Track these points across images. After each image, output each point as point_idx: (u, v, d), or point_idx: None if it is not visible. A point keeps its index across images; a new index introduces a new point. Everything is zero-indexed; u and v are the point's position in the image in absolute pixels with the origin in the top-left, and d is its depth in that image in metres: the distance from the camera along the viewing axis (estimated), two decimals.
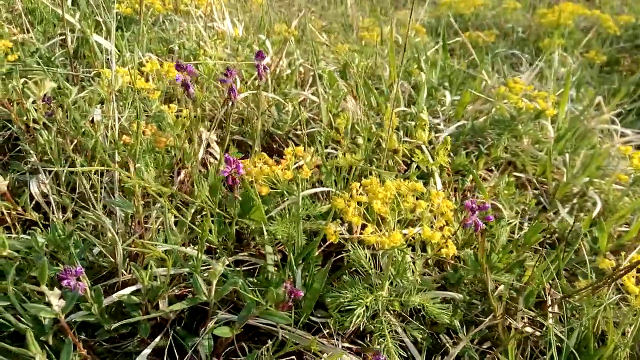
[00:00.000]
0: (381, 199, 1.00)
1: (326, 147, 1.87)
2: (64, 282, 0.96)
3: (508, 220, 1.52)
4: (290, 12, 4.02)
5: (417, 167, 1.74)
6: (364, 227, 1.04)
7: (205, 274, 1.23)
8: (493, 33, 4.21)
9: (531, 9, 5.16)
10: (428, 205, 1.00)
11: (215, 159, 1.77)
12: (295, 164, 1.33)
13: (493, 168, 1.98)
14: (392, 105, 1.43)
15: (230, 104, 1.38)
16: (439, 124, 2.05)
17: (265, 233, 1.26)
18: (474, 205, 0.95)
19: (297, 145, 1.88)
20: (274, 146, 1.96)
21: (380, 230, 1.03)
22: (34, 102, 1.72)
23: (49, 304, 0.93)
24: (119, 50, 2.14)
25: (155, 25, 2.55)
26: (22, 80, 1.68)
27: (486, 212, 0.95)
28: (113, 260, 1.17)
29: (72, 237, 1.12)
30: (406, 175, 1.64)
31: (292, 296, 1.00)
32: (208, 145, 1.85)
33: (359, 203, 1.04)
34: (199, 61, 2.16)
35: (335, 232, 1.04)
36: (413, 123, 2.00)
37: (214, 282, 1.00)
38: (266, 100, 1.96)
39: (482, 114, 2.10)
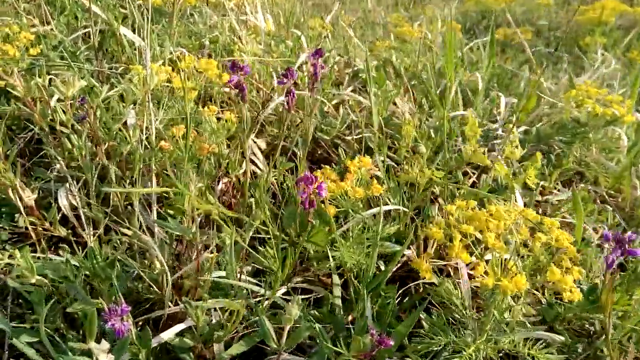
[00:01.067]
0: (493, 230, 0.82)
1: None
2: (109, 324, 0.80)
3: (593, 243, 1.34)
4: (307, 5, 3.84)
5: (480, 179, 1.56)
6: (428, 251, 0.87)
7: (266, 301, 1.07)
8: (529, 30, 4.01)
9: (566, 6, 4.94)
10: (548, 238, 0.83)
11: (257, 166, 1.60)
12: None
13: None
14: (447, 107, 1.26)
15: (287, 109, 1.21)
16: (497, 129, 1.87)
17: (331, 259, 1.09)
18: (619, 237, 0.77)
19: (345, 152, 1.72)
20: (319, 152, 1.79)
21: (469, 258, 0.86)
22: (59, 100, 1.56)
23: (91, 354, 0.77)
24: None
25: (182, 18, 2.38)
26: (47, 76, 1.52)
27: (632, 243, 0.77)
28: (159, 291, 1.00)
29: (114, 266, 0.95)
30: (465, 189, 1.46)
31: (380, 346, 0.83)
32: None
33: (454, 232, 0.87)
34: (234, 57, 1.99)
35: (429, 268, 0.87)
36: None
37: (287, 328, 0.83)
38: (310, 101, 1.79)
39: (544, 119, 1.91)
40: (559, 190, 1.68)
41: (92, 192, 1.36)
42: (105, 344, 0.73)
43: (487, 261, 0.88)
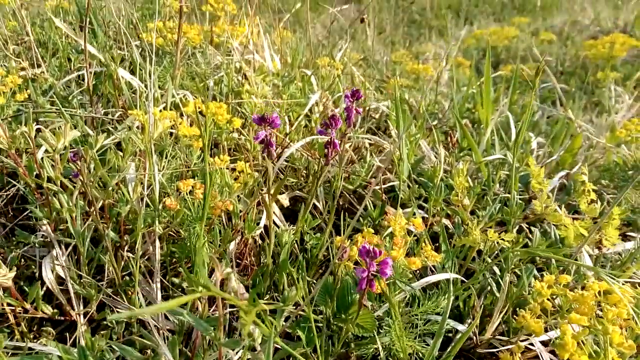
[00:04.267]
0: (611, 321, 0.62)
1: (404, 206, 1.51)
2: None
3: None
4: (313, 43, 3.75)
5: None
6: None
7: None
8: (537, 66, 3.92)
9: (569, 42, 4.89)
10: None
11: (275, 223, 1.40)
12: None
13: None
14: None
15: (325, 163, 1.02)
16: None
17: (381, 349, 0.88)
18: None
19: (373, 204, 1.52)
20: (340, 202, 1.59)
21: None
22: (46, 151, 1.38)
23: None
24: (146, 88, 1.80)
25: (184, 58, 2.23)
26: (35, 125, 1.34)
27: None
28: None
29: None
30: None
31: None
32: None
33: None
34: (242, 99, 1.82)
35: None
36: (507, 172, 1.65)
37: None
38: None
39: (585, 162, 1.74)
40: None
41: (83, 260, 1.15)
42: None
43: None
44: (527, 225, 1.35)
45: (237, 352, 0.83)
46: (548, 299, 0.78)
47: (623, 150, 1.63)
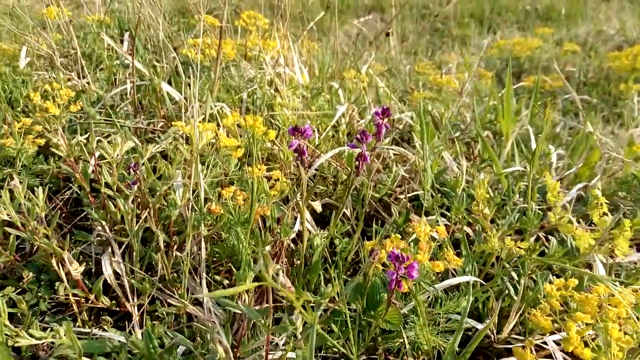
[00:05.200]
0: (613, 319, 0.71)
1: (427, 214, 1.60)
2: None
3: None
4: (339, 55, 3.85)
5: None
6: None
7: None
8: (559, 77, 3.96)
9: (592, 53, 4.91)
10: None
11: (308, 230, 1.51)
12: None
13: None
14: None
15: (356, 174, 1.13)
16: None
17: (406, 342, 0.97)
18: None
19: (397, 212, 1.62)
20: (366, 210, 1.69)
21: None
22: (101, 157, 1.51)
23: None
24: (185, 99, 1.93)
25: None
26: (85, 134, 1.48)
27: None
28: None
29: (173, 352, 0.85)
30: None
31: None
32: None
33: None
34: (275, 112, 1.94)
35: None
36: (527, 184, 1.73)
37: None
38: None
39: (604, 174, 1.81)
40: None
41: (135, 258, 1.27)
42: None
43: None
44: (544, 234, 1.43)
45: (282, 339, 0.93)
46: (560, 302, 0.87)
47: None
